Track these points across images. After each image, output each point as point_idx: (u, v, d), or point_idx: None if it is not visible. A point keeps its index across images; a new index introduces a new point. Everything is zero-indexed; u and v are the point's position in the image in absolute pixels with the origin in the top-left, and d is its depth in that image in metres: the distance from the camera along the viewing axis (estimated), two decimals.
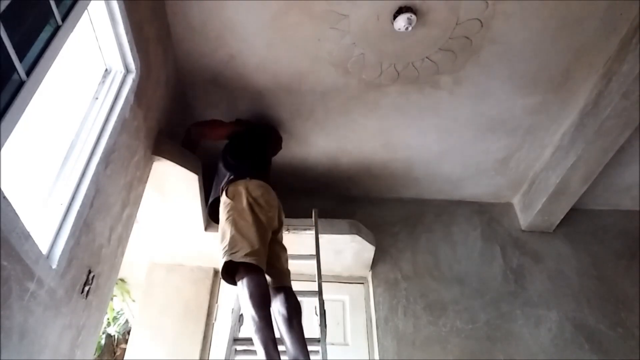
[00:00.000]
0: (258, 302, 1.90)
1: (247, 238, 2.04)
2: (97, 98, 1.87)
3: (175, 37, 2.50)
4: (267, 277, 2.15)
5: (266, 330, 1.85)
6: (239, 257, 1.98)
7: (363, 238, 3.01)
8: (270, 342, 1.84)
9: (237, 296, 2.27)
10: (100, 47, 1.88)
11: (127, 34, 1.84)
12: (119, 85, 1.93)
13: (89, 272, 1.70)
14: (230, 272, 2.06)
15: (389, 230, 3.47)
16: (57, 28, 1.40)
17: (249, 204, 2.18)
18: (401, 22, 2.28)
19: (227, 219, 2.17)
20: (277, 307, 2.09)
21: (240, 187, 2.26)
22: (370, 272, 3.31)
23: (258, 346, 1.84)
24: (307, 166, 3.36)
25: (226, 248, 2.03)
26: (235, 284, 2.06)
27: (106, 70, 1.96)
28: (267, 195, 2.29)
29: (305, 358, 1.89)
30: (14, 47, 1.18)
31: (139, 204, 2.30)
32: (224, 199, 2.29)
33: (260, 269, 2.00)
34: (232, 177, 2.35)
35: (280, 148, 3.00)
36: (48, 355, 1.44)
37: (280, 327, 2.02)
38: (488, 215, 3.63)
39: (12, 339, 1.22)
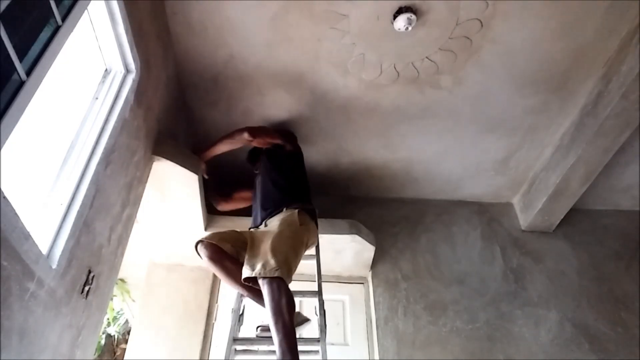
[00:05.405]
0: (290, 308, 1.96)
1: (291, 267, 2.13)
2: (97, 98, 1.87)
3: (175, 36, 2.50)
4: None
5: (294, 335, 1.91)
6: (285, 276, 2.04)
7: (363, 238, 3.01)
8: (296, 347, 1.89)
9: (237, 296, 2.27)
10: (100, 47, 1.88)
11: (127, 33, 1.84)
12: (119, 85, 1.93)
13: (89, 272, 1.70)
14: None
15: (389, 230, 3.47)
16: (57, 28, 1.40)
17: (305, 244, 2.32)
18: (401, 22, 2.28)
19: (289, 237, 2.23)
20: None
21: (310, 226, 2.38)
22: (370, 272, 3.31)
23: (285, 349, 1.84)
24: (307, 166, 3.35)
25: (280, 266, 2.04)
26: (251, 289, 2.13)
27: (106, 70, 1.96)
28: (313, 245, 2.48)
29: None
30: (14, 47, 1.18)
31: (139, 204, 2.30)
32: (294, 217, 2.31)
33: None
34: (306, 202, 2.48)
35: None
36: (48, 355, 1.44)
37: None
38: (488, 215, 3.63)
39: (12, 339, 1.22)
